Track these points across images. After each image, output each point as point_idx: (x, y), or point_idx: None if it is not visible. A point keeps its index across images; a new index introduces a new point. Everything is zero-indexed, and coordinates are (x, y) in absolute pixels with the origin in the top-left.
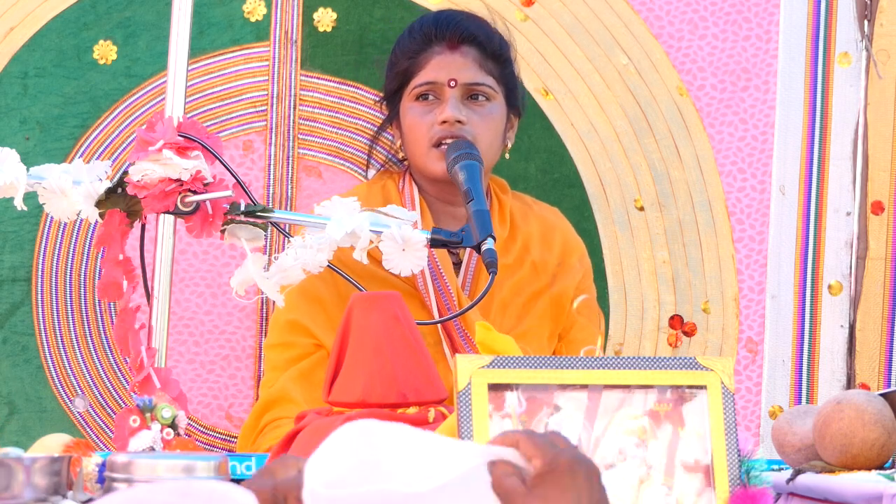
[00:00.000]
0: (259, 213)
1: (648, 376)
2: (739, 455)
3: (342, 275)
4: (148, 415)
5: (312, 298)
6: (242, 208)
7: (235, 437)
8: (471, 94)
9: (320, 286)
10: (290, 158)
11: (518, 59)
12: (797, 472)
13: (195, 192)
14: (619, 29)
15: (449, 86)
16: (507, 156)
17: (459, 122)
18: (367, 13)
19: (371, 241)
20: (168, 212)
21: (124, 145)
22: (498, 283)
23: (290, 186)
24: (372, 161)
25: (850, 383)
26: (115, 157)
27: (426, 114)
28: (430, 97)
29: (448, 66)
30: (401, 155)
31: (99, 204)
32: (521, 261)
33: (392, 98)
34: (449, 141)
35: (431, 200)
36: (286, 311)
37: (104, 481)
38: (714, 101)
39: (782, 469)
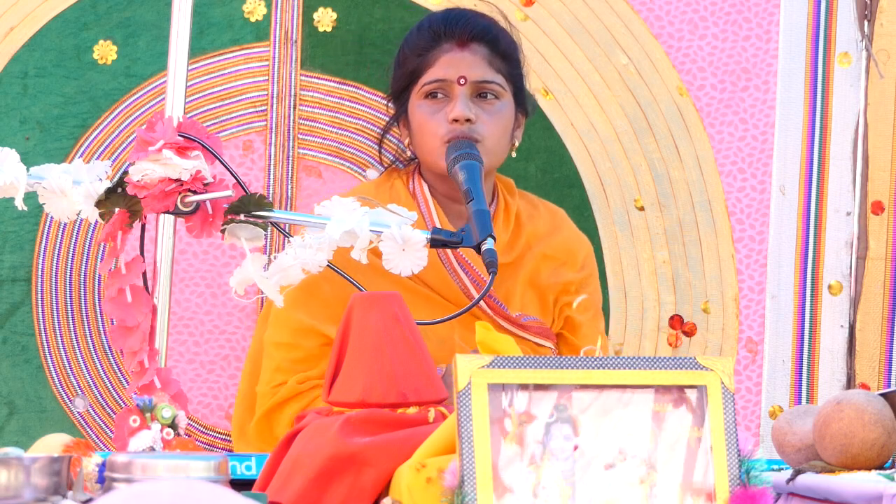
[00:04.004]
0: (257, 206)
1: (648, 376)
2: (739, 455)
3: (342, 274)
4: (148, 415)
5: (313, 293)
6: (241, 201)
7: None
8: (480, 92)
9: (319, 279)
10: (290, 158)
11: (525, 60)
12: (797, 472)
13: (195, 192)
14: (619, 29)
15: (458, 83)
16: (513, 154)
17: (469, 120)
18: (367, 13)
19: (371, 241)
20: (168, 212)
21: (124, 145)
22: (500, 281)
23: (290, 186)
24: (372, 160)
25: (850, 383)
26: (115, 157)
27: (436, 112)
28: (440, 95)
29: (458, 64)
30: (408, 153)
31: (99, 204)
32: (524, 256)
33: (400, 96)
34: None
35: (442, 198)
36: (291, 307)
37: (104, 481)
38: (714, 101)
39: (782, 469)
